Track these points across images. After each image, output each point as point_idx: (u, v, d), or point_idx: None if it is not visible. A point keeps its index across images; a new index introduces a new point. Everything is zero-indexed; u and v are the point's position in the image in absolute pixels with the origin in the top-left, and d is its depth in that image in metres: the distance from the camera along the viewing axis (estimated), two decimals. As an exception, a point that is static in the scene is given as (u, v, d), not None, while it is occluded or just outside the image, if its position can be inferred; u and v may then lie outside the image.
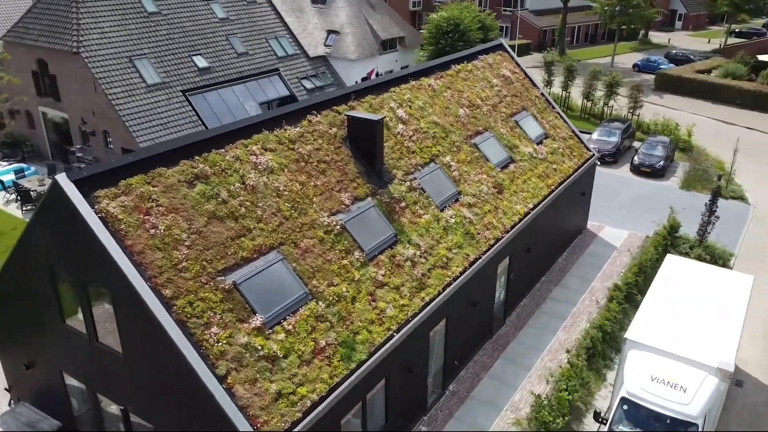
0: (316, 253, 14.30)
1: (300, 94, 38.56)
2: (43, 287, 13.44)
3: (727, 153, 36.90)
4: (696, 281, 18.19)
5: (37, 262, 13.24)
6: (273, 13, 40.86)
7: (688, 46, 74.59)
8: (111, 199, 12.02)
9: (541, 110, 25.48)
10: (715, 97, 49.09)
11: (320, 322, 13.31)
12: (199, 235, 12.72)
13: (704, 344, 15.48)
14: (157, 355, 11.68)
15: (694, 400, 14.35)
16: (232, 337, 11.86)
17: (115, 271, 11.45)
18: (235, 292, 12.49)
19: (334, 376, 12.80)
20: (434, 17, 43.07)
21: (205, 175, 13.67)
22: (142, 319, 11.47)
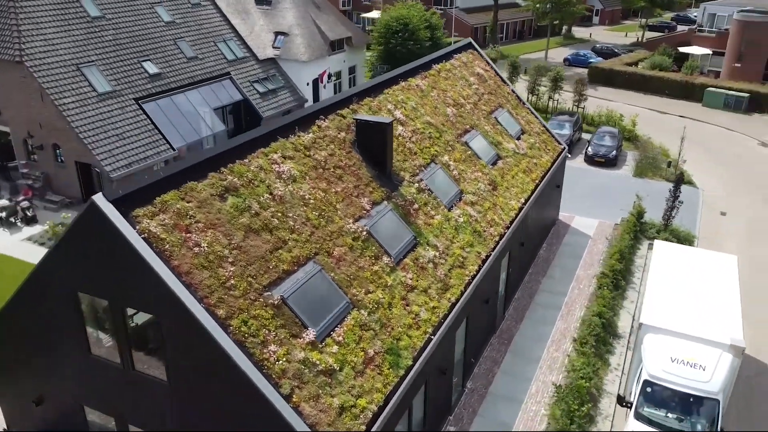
0: (349, 261, 14.02)
1: (253, 98, 37.63)
2: (64, 317, 12.47)
3: (666, 140, 39.13)
4: (689, 264, 19.17)
5: (58, 290, 12.25)
6: (219, 15, 39.64)
7: (608, 40, 78.32)
8: (150, 218, 11.31)
9: (514, 107, 26.05)
10: (645, 88, 51.81)
11: (365, 330, 13.07)
12: (240, 250, 12.19)
13: (714, 323, 16.36)
14: (215, 379, 11.08)
15: (713, 377, 15.13)
16: (290, 354, 11.44)
17: (164, 293, 10.80)
18: (284, 306, 12.05)
19: (387, 384, 12.61)
20: (383, 15, 43.17)
21: (234, 187, 13.11)
22: (197, 342, 10.87)
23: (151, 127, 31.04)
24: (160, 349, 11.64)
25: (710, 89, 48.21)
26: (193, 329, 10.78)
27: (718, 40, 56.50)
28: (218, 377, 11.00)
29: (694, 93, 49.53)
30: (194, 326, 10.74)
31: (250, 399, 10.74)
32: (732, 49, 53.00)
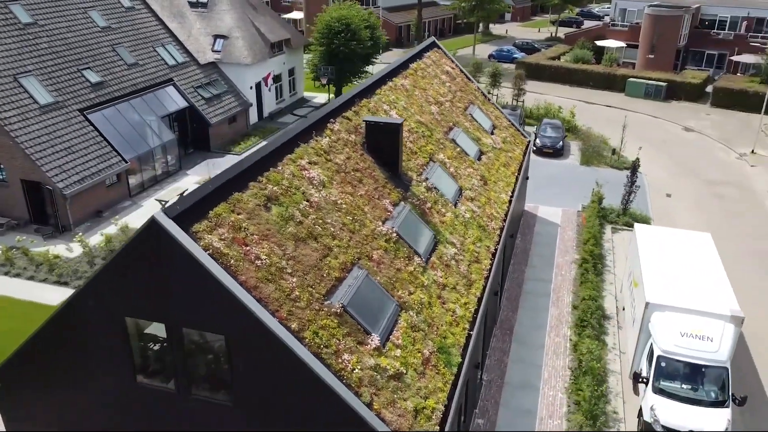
0: (387, 264, 13.93)
1: (199, 104, 36.30)
2: (107, 344, 11.63)
3: (599, 129, 41.29)
4: (672, 244, 20.42)
5: (101, 317, 11.41)
6: (154, 19, 37.92)
7: (523, 35, 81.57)
8: (209, 233, 10.76)
9: (483, 103, 26.68)
10: (570, 81, 54.39)
11: (416, 332, 13.04)
12: (295, 261, 11.83)
13: (712, 297, 17.55)
14: (291, 395, 10.71)
15: (720, 347, 16.25)
16: (361, 362, 11.25)
17: (235, 311, 10.32)
18: (345, 314, 11.82)
19: (446, 383, 12.67)
20: (321, 17, 42.79)
21: (275, 196, 12.69)
22: (272, 359, 10.48)
23: (99, 139, 29.31)
24: (225, 370, 11.10)
25: (631, 80, 51.29)
26: (269, 345, 10.38)
27: (631, 33, 60.17)
28: (295, 392, 10.64)
29: (616, 83, 52.52)
30: (271, 342, 10.34)
31: (334, 411, 10.46)
32: (645, 42, 56.64)
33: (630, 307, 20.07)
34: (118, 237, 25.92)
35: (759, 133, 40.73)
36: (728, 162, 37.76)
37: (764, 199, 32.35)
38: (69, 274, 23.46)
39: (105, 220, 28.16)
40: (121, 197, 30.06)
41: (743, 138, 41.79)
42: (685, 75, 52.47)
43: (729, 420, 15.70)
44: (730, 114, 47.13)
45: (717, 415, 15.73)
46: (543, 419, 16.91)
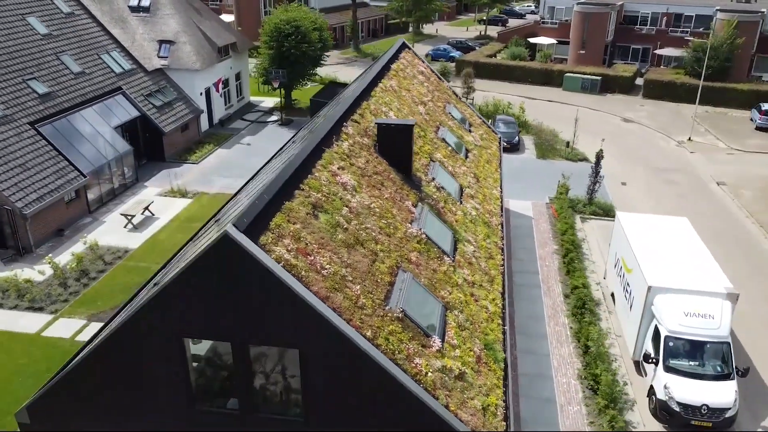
0: (424, 265, 13.94)
1: (151, 112, 34.81)
2: (161, 368, 11.02)
3: (547, 123, 42.76)
4: (657, 229, 21.47)
5: (155, 340, 10.81)
6: (96, 25, 36.05)
7: (453, 34, 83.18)
8: (275, 245, 10.41)
9: (456, 102, 27.08)
10: (509, 77, 55.94)
11: (463, 330, 13.13)
12: (352, 268, 11.64)
13: (706, 276, 18.61)
14: (372, 404, 10.54)
15: (722, 324, 17.28)
16: (430, 364, 11.23)
17: (311, 322, 10.07)
18: (406, 318, 11.75)
19: (499, 378, 12.83)
20: (268, 20, 42.05)
21: (319, 203, 12.44)
22: (353, 369, 10.29)
23: (54, 153, 27.61)
24: (296, 384, 10.78)
25: (568, 75, 53.42)
26: (349, 356, 10.19)
27: (561, 30, 62.62)
28: (375, 400, 10.49)
29: (553, 79, 54.53)
30: (351, 352, 10.15)
31: (417, 417, 10.39)
32: (575, 38, 59.10)
33: (623, 293, 20.94)
34: (87, 256, 24.50)
35: (693, 121, 43.40)
36: (669, 150, 40.05)
37: (709, 183, 34.55)
38: (42, 298, 21.96)
39: (67, 239, 26.53)
40: (81, 213, 28.42)
41: (677, 127, 44.44)
42: (617, 69, 55.18)
43: (736, 391, 16.74)
44: (662, 104, 49.99)
45: (725, 388, 16.73)
46: (563, 406, 17.41)
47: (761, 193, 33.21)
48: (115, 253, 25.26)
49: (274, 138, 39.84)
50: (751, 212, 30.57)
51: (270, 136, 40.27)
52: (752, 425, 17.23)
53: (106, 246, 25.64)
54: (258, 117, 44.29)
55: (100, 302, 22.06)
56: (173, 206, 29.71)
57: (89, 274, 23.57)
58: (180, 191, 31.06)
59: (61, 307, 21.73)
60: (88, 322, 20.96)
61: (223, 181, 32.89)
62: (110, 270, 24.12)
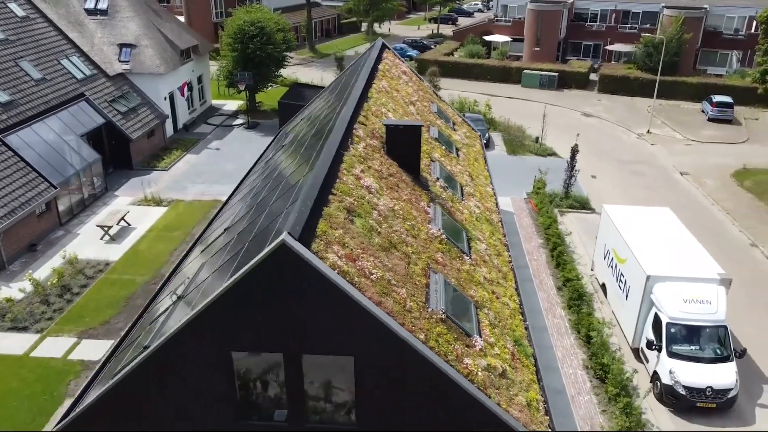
0: (449, 265, 14.00)
1: (116, 119, 33.61)
2: (207, 384, 10.68)
3: (511, 119, 43.53)
4: (644, 220, 22.19)
5: (202, 355, 10.46)
6: (52, 29, 34.53)
7: (406, 33, 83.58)
8: (325, 252, 10.25)
9: (438, 101, 27.25)
10: (468, 75, 56.65)
11: (494, 328, 13.26)
12: (393, 271, 11.58)
13: (699, 263, 19.37)
14: (429, 407, 10.51)
15: (718, 308, 18.02)
16: (477, 364, 11.29)
17: (368, 328, 9.98)
18: (448, 319, 11.77)
19: (532, 373, 13.02)
20: (230, 22, 41.23)
21: (352, 208, 12.31)
22: (408, 373, 10.26)
23: (22, 165, 26.32)
24: (349, 392, 10.64)
25: (526, 71, 54.52)
26: (406, 360, 10.14)
27: (514, 27, 63.83)
28: (432, 403, 10.47)
29: (511, 76, 55.55)
30: (408, 356, 10.11)
31: (475, 418, 10.44)
32: (530, 36, 60.39)
33: (615, 283, 21.55)
34: (67, 270, 23.46)
35: (651, 114, 45.03)
36: (631, 142, 41.45)
37: (673, 174, 35.95)
38: (24, 317, 20.90)
39: (41, 253, 25.33)
40: (53, 226, 27.19)
41: (634, 120, 46.04)
42: (572, 65, 56.70)
43: (736, 372, 17.50)
44: (617, 98, 51.65)
45: (726, 369, 17.47)
46: (574, 397, 17.80)
47: (722, 182, 34.78)
48: (95, 266, 24.27)
49: (243, 142, 39.18)
50: (716, 200, 31.98)
51: (238, 140, 39.55)
52: (748, 404, 18.04)
53: (85, 259, 24.62)
54: (223, 121, 43.39)
55: (88, 318, 21.17)
56: (149, 215, 28.78)
57: (71, 290, 22.58)
58: (154, 199, 30.12)
59: (47, 325, 20.74)
60: (79, 340, 20.08)
61: (197, 188, 32.09)
62: (93, 284, 23.17)
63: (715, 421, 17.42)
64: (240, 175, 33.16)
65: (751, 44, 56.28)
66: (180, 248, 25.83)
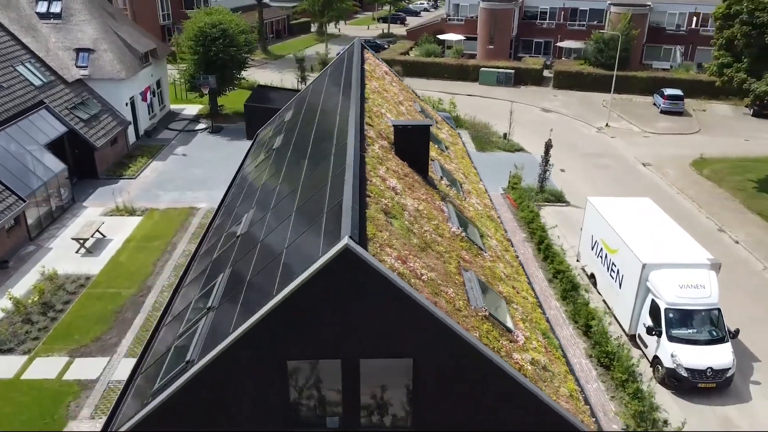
0: (474, 262, 14.11)
1: (79, 127, 32.26)
2: (260, 395, 10.43)
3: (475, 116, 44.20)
4: (629, 210, 22.95)
5: (256, 366, 10.20)
6: (5, 34, 32.85)
7: (357, 33, 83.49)
8: (380, 254, 10.16)
9: (419, 100, 27.37)
10: (425, 74, 57.10)
11: (525, 322, 13.46)
12: (436, 272, 11.60)
13: (689, 250, 20.19)
14: (487, 405, 10.58)
15: (712, 292, 18.86)
16: (524, 359, 11.44)
17: (428, 330, 9.98)
18: (490, 317, 11.88)
19: (564, 364, 13.29)
20: (190, 24, 40.21)
21: (387, 209, 12.24)
22: (466, 372, 10.32)
23: (-13, 178, 24.92)
24: (405, 394, 10.60)
25: (483, 69, 55.42)
26: (465, 359, 10.19)
27: (467, 26, 64.76)
28: (491, 401, 10.56)
29: (469, 74, 56.36)
30: (467, 355, 10.16)
31: (532, 414, 10.59)
32: (483, 34, 61.42)
33: (606, 273, 22.20)
34: (47, 287, 22.38)
35: (608, 108, 46.55)
36: (592, 136, 42.76)
37: (636, 165, 37.31)
38: (8, 338, 19.82)
39: (14, 270, 24.07)
40: (23, 242, 25.88)
41: (591, 113, 47.51)
42: (526, 62, 57.98)
43: (732, 351, 18.36)
44: (572, 93, 53.17)
45: (723, 350, 18.31)
46: (583, 386, 18.20)
47: (682, 171, 36.34)
48: (76, 281, 23.25)
49: (208, 147, 38.30)
50: (680, 189, 33.40)
51: (204, 146, 38.62)
52: (742, 383, 18.94)
53: (64, 274, 23.53)
54: (185, 126, 42.27)
55: (78, 335, 20.27)
56: (124, 226, 27.78)
57: (54, 307, 21.56)
58: (127, 209, 29.09)
59: (34, 345, 19.74)
60: (71, 358, 19.20)
61: (169, 196, 31.17)
62: (76, 300, 22.19)
63: (715, 400, 18.22)
64: (212, 181, 32.58)
65: (692, 39, 59.14)
66: (162, 258, 25.09)
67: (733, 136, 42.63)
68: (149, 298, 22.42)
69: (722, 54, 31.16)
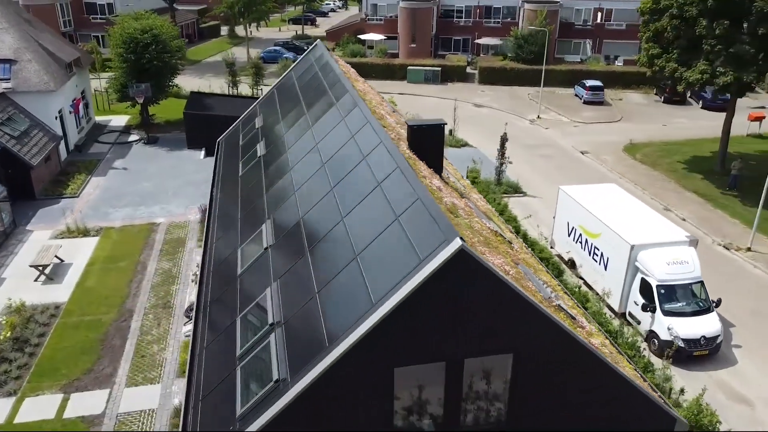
0: (513, 255, 14.46)
1: (10, 144, 29.66)
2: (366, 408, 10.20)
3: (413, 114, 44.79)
4: (601, 197, 24.19)
5: (362, 380, 9.96)
6: None
7: (269, 35, 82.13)
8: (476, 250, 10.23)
9: (387, 102, 27.44)
10: (353, 74, 57.07)
11: (573, 309, 13.98)
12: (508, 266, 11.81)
13: (667, 229, 21.60)
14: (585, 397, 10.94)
15: (695, 266, 20.34)
16: (597, 345, 11.90)
17: (530, 323, 10.20)
18: (560, 307, 12.26)
19: (611, 345, 13.93)
20: (117, 30, 37.99)
21: (449, 208, 12.29)
22: (565, 362, 10.62)
23: (-74, 206, 22.43)
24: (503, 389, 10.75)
25: (410, 68, 56.25)
26: (563, 350, 10.49)
27: (387, 26, 65.40)
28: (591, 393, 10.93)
29: (395, 72, 57.03)
30: (564, 345, 10.46)
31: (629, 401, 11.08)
32: (405, 33, 62.29)
33: (588, 257, 23.30)
34: (16, 320, 20.50)
35: (538, 101, 48.66)
36: (527, 128, 44.56)
37: (575, 153, 39.31)
38: (-17, 380, 18.04)
39: (-32, 306, 21.86)
40: (-29, 274, 23.53)
41: (521, 107, 49.51)
42: (451, 59, 59.43)
43: (718, 320, 19.90)
44: (498, 88, 55.11)
45: (711, 319, 19.81)
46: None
47: (617, 156, 38.71)
48: (44, 311, 21.45)
49: (149, 159, 36.41)
50: (621, 173, 35.58)
51: (143, 158, 36.64)
52: (726, 348, 20.53)
53: (30, 305, 21.63)
54: (117, 138, 39.90)
55: (65, 370, 18.73)
56: (81, 248, 25.90)
57: (29, 341, 19.82)
58: (79, 230, 27.13)
59: (18, 385, 18.04)
60: (66, 395, 17.72)
61: (121, 213, 29.38)
62: (51, 331, 20.50)
63: (708, 366, 19.67)
64: (163, 195, 31.06)
65: (599, 33, 62.97)
66: (135, 279, 23.67)
67: (652, 123, 45.90)
68: (133, 322, 21.09)
69: (651, 46, 33.44)
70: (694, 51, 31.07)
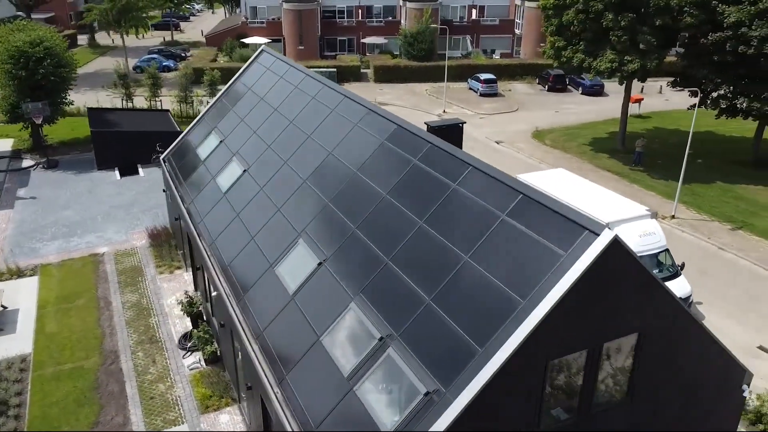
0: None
1: None
2: (521, 403, 10.39)
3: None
4: (559, 181, 25.89)
5: (523, 376, 10.13)
6: None
7: (129, 43, 76.89)
8: (604, 243, 10.81)
9: (338, 103, 27.18)
10: (246, 80, 55.42)
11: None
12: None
13: (627, 205, 23.65)
14: (699, 372, 11.97)
15: (661, 236, 22.55)
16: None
17: (654, 302, 11.01)
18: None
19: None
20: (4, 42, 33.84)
21: (533, 203, 12.74)
22: (681, 338, 11.60)
23: None
24: (628, 368, 11.44)
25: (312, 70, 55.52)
26: (680, 325, 11.45)
27: (270, 28, 64.11)
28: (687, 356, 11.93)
29: (290, 76, 56.03)
30: (682, 321, 11.45)
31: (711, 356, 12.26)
32: (291, 35, 61.49)
33: (556, 238, 24.85)
34: None
35: (444, 97, 50.37)
36: (437, 123, 46.01)
37: (491, 143, 41.38)
38: (-26, 455, 15.62)
39: None
40: None
41: (424, 103, 51.02)
42: (343, 59, 59.62)
43: (687, 281, 22.26)
44: (394, 86, 56.27)
45: (682, 281, 22.09)
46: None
47: (528, 144, 41.34)
48: (10, 366, 18.91)
49: (57, 185, 32.96)
50: (540, 159, 38.08)
51: (50, 184, 33.07)
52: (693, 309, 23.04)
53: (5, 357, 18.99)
54: (8, 165, 35.58)
55: (67, 426, 16.72)
56: (22, 290, 23.02)
57: (8, 402, 17.41)
58: (11, 271, 24.09)
59: (17, 454, 15.87)
60: (84, 454, 15.89)
61: (52, 246, 26.43)
62: (29, 388, 18.14)
63: (684, 323, 21.92)
64: (92, 222, 28.42)
65: (475, 29, 66.45)
66: (104, 316, 21.53)
67: (545, 110, 49.48)
68: (123, 363, 19.22)
69: (557, 39, 36.13)
70: (599, 42, 34.03)
